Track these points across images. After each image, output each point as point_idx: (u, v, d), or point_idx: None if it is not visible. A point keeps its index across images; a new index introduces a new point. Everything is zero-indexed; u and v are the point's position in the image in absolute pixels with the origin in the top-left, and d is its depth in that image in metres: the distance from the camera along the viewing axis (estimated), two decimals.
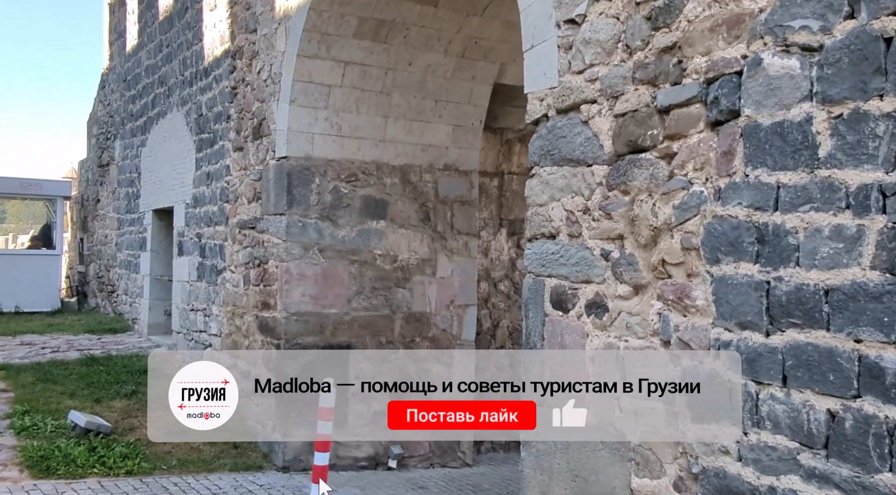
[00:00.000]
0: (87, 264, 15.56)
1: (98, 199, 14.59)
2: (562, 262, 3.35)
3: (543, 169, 3.48)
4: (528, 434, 3.52)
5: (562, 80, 3.35)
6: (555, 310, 3.40)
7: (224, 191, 8.02)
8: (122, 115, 13.02)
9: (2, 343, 10.57)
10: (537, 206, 3.53)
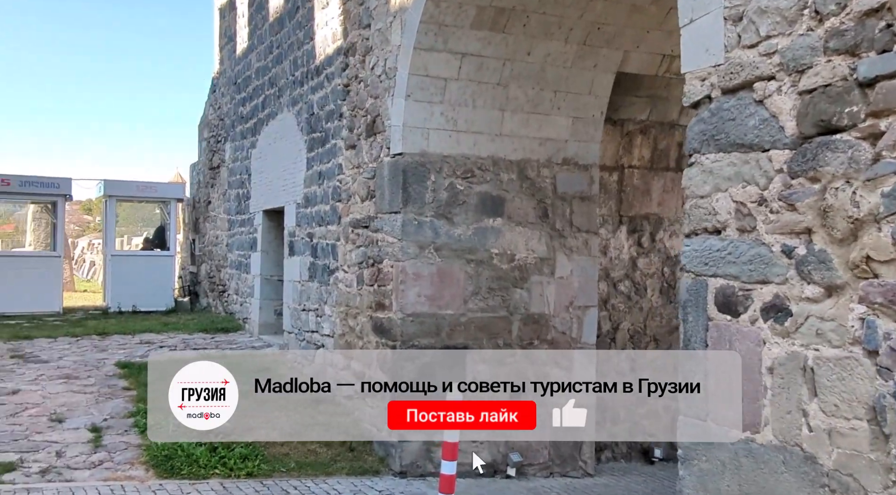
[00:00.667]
0: (198, 264, 16.06)
1: (209, 201, 15.02)
2: (730, 260, 3.01)
3: (705, 156, 3.14)
4: (688, 450, 3.19)
5: (729, 55, 3.01)
6: (721, 313, 3.06)
7: (336, 190, 7.98)
8: (232, 118, 13.32)
9: (122, 341, 10.97)
10: (698, 198, 3.19)
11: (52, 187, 14.57)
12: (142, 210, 17.85)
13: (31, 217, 22.15)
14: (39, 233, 22.18)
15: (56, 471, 5.77)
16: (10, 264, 14.49)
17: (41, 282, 14.41)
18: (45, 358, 9.50)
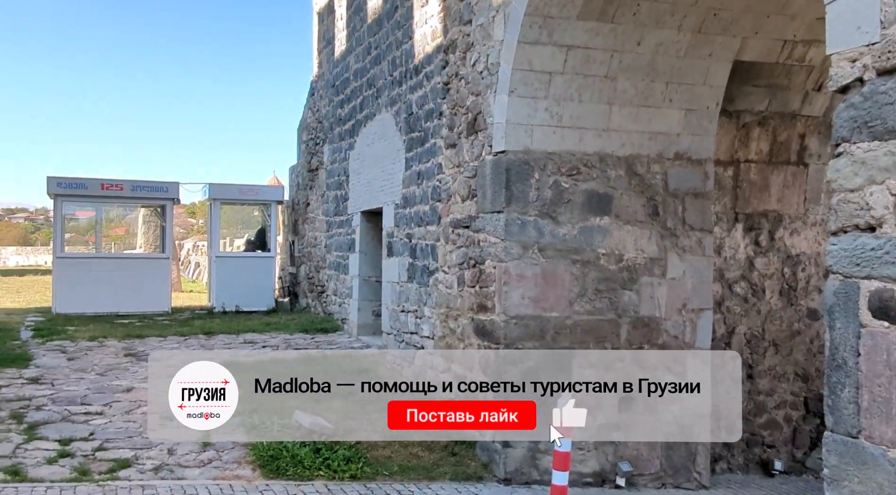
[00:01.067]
0: (297, 266, 16.41)
1: (308, 203, 15.31)
2: (887, 260, 2.70)
3: (857, 145, 2.84)
4: (837, 470, 2.90)
5: (886, 33, 2.71)
6: (876, 319, 2.76)
7: (436, 190, 7.91)
8: (330, 121, 13.52)
9: (227, 341, 11.28)
10: (847, 192, 2.89)
11: (161, 191, 15.21)
12: (242, 213, 18.44)
13: (141, 220, 23.25)
14: (149, 236, 23.25)
15: (168, 469, 5.93)
16: (122, 266, 15.21)
17: (151, 283, 15.06)
18: (154, 356, 9.84)
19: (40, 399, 7.63)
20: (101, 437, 6.59)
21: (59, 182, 14.44)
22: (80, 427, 6.90)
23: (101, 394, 7.96)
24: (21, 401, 7.49)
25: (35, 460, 5.93)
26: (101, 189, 14.72)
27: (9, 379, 8.31)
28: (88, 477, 5.59)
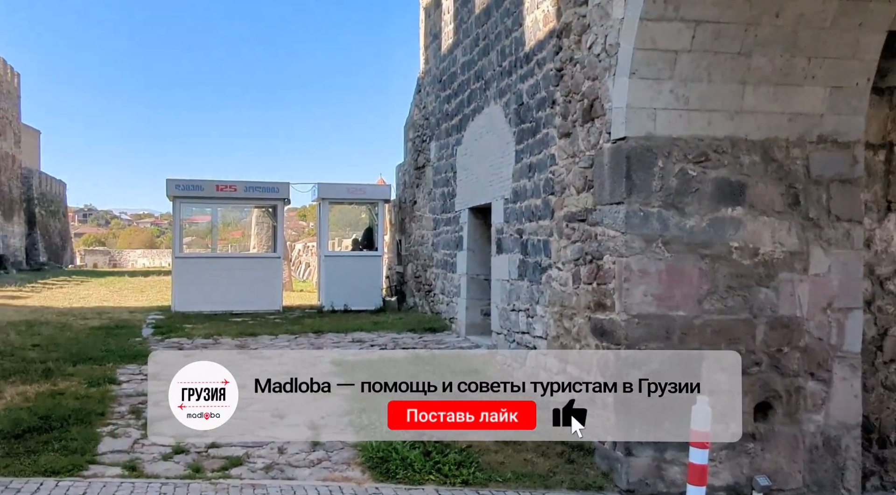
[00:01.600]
0: (404, 264, 16.39)
1: (415, 201, 15.24)
2: None
3: None
4: None
5: None
6: None
7: (548, 183, 7.56)
8: (437, 117, 13.37)
9: (336, 339, 11.30)
10: None
11: (272, 192, 15.53)
12: (349, 213, 18.62)
13: (254, 222, 23.99)
14: (262, 237, 23.96)
15: (278, 468, 5.87)
16: (236, 265, 15.64)
17: (263, 283, 15.40)
18: (267, 354, 9.95)
19: (158, 395, 7.77)
20: (214, 435, 6.62)
21: (177, 184, 14.99)
22: None
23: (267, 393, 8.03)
24: (140, 397, 7.66)
25: (151, 455, 6.00)
26: (216, 190, 15.17)
27: (129, 375, 8.57)
28: (201, 475, 5.60)
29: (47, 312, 14.62)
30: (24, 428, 6.32)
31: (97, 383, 8.03)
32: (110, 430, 6.58)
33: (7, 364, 8.61)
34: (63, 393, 7.63)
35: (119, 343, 10.48)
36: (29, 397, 7.37)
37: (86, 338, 10.95)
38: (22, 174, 45.50)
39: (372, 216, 17.03)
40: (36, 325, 12.11)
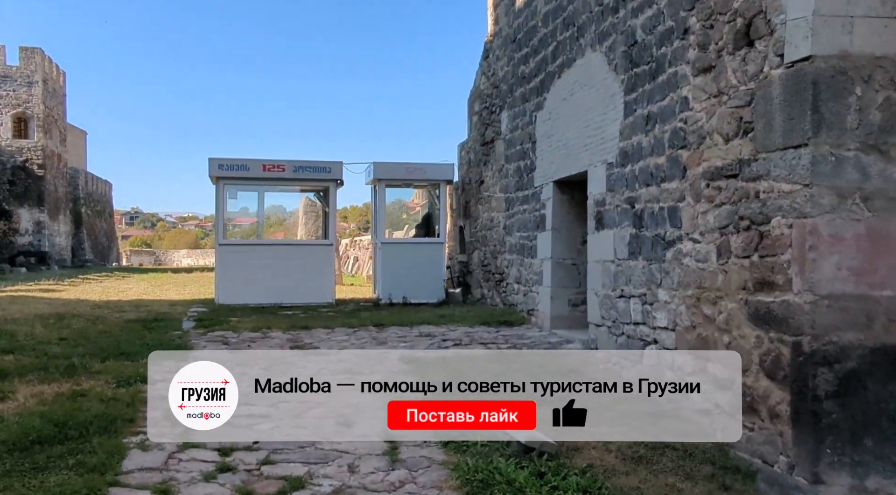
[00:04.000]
0: (468, 252, 15.06)
1: (481, 181, 13.90)
2: None
3: None
4: None
5: None
6: None
7: (677, 134, 6.15)
8: (509, 82, 12.02)
9: (401, 334, 10.06)
10: None
11: (324, 172, 14.35)
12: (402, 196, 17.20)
13: (302, 210, 22.93)
14: (309, 227, 22.89)
15: (350, 493, 4.59)
16: (284, 253, 14.50)
17: (314, 272, 14.26)
18: (324, 350, 8.74)
19: None
20: (268, 447, 5.41)
21: (220, 164, 13.91)
22: (243, 432, 5.75)
23: (266, 393, 6.83)
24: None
25: (189, 475, 4.80)
26: (263, 171, 14.05)
27: (166, 373, 7.36)
28: None
29: (81, 305, 13.67)
30: (34, 437, 5.18)
31: (127, 383, 6.89)
32: (140, 441, 5.40)
33: (26, 360, 7.54)
34: (86, 394, 6.50)
35: (156, 337, 9.38)
36: (45, 399, 6.26)
37: (119, 331, 9.89)
38: (68, 173, 45.56)
39: (433, 199, 15.72)
40: (66, 318, 11.11)
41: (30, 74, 39.74)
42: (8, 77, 39.33)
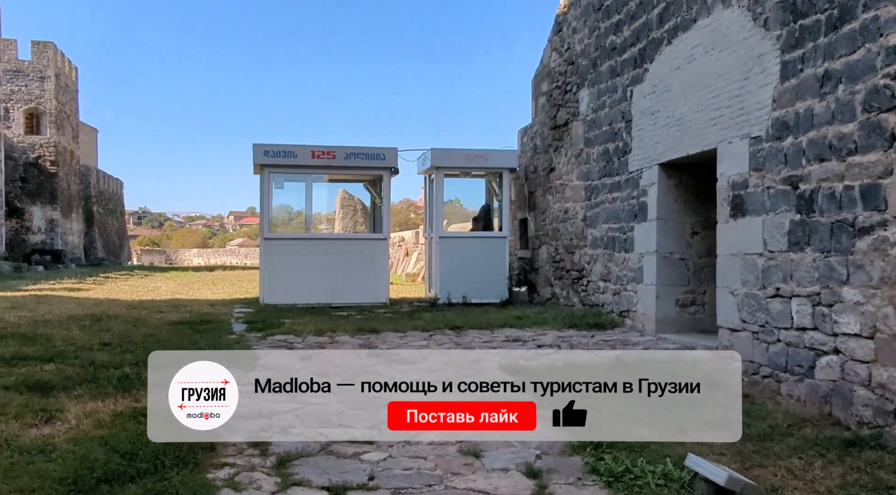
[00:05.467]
0: (534, 248, 13.98)
1: (551, 168, 12.82)
2: None
3: None
4: None
5: None
6: None
7: (874, 95, 5.06)
8: (591, 56, 10.94)
9: (484, 338, 9.02)
10: None
11: (378, 159, 13.30)
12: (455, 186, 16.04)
13: (338, 204, 21.95)
14: (346, 222, 21.92)
15: None
16: (335, 248, 13.48)
17: (367, 269, 13.26)
18: (406, 357, 7.70)
19: (283, 416, 5.60)
20: (388, 484, 4.39)
21: (265, 150, 12.90)
22: (350, 464, 4.76)
23: (362, 411, 5.81)
24: (259, 419, 5.48)
25: None
26: (312, 158, 13.02)
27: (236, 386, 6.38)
28: None
29: (114, 305, 12.73)
30: (100, 474, 4.18)
31: None
32: (228, 478, 4.39)
33: (69, 369, 6.57)
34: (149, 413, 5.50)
35: (210, 341, 8.40)
36: (102, 420, 5.27)
37: (166, 334, 8.91)
38: (80, 171, 44.93)
39: (493, 190, 14.64)
40: (103, 320, 10.16)
41: (42, 69, 39.05)
42: (20, 72, 38.65)
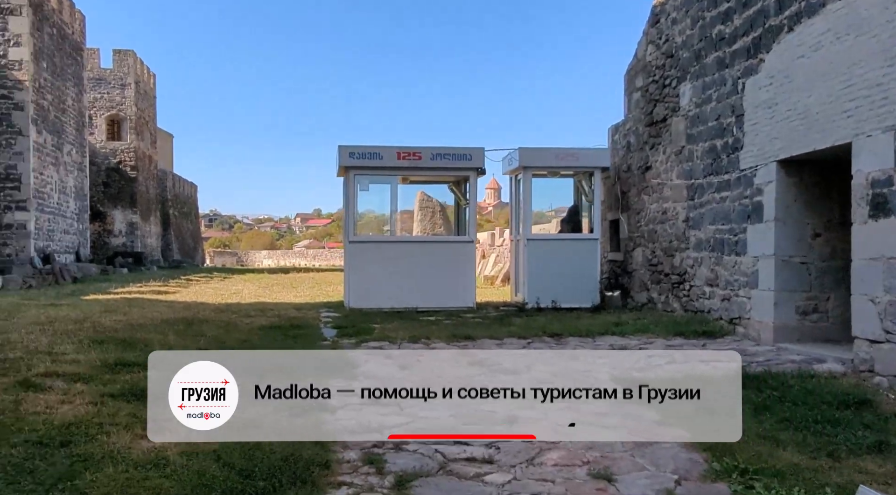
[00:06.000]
0: (626, 250, 13.47)
1: (647, 167, 12.30)
2: None
3: None
4: None
5: None
6: None
7: None
8: (693, 48, 10.40)
9: (587, 346, 8.62)
10: None
11: (464, 159, 12.99)
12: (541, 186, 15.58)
13: (417, 206, 21.78)
14: (425, 223, 21.73)
15: None
16: (421, 251, 13.25)
17: (453, 273, 12.96)
18: (509, 366, 7.35)
19: (394, 431, 5.31)
20: None
21: (351, 152, 12.73)
22: (474, 487, 4.46)
23: (475, 425, 5.49)
24: (369, 433, 5.22)
25: None
26: (398, 159, 12.80)
27: (340, 396, 6.12)
28: None
29: (202, 309, 12.76)
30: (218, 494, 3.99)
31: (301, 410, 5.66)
32: None
33: None
34: (258, 425, 5.30)
35: (305, 347, 8.22)
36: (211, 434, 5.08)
37: (260, 341, 8.79)
38: (158, 175, 46.16)
39: (583, 190, 14.17)
40: (195, 324, 10.12)
41: (122, 76, 40.24)
42: (102, 79, 39.88)
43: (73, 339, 8.36)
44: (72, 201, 28.63)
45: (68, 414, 5.25)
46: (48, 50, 25.88)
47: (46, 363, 6.85)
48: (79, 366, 6.75)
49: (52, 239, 25.97)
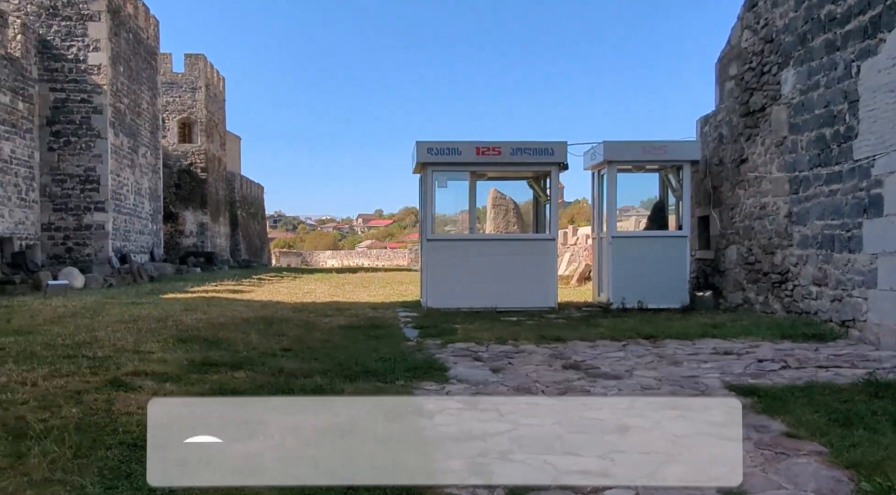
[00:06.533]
0: (718, 248, 12.85)
1: (743, 159, 11.68)
2: None
3: None
4: None
5: None
6: None
7: None
8: (798, 31, 9.79)
9: (688, 350, 8.12)
10: None
11: (546, 154, 12.58)
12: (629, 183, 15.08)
13: (490, 203, 21.44)
14: (498, 223, 21.37)
15: None
16: (501, 250, 12.89)
17: (535, 271, 12.56)
18: (608, 370, 6.96)
19: (498, 439, 4.97)
20: None
21: (429, 148, 12.47)
22: None
23: (582, 435, 5.12)
24: (472, 442, 4.89)
25: None
26: (477, 154, 12.49)
27: (435, 401, 5.84)
28: None
29: (278, 308, 12.69)
30: None
31: (396, 414, 5.39)
32: None
33: (260, 378, 6.24)
34: (352, 430, 5.03)
35: (389, 348, 7.96)
36: (307, 438, 4.83)
37: (342, 340, 8.57)
38: (226, 176, 46.98)
39: (669, 184, 13.60)
40: (275, 323, 10.00)
41: (193, 80, 41.08)
42: (174, 83, 40.78)
43: (157, 338, 8.30)
44: (146, 202, 29.23)
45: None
46: (124, 54, 26.45)
47: (134, 362, 6.76)
48: (166, 365, 6.63)
49: (128, 239, 26.53)
